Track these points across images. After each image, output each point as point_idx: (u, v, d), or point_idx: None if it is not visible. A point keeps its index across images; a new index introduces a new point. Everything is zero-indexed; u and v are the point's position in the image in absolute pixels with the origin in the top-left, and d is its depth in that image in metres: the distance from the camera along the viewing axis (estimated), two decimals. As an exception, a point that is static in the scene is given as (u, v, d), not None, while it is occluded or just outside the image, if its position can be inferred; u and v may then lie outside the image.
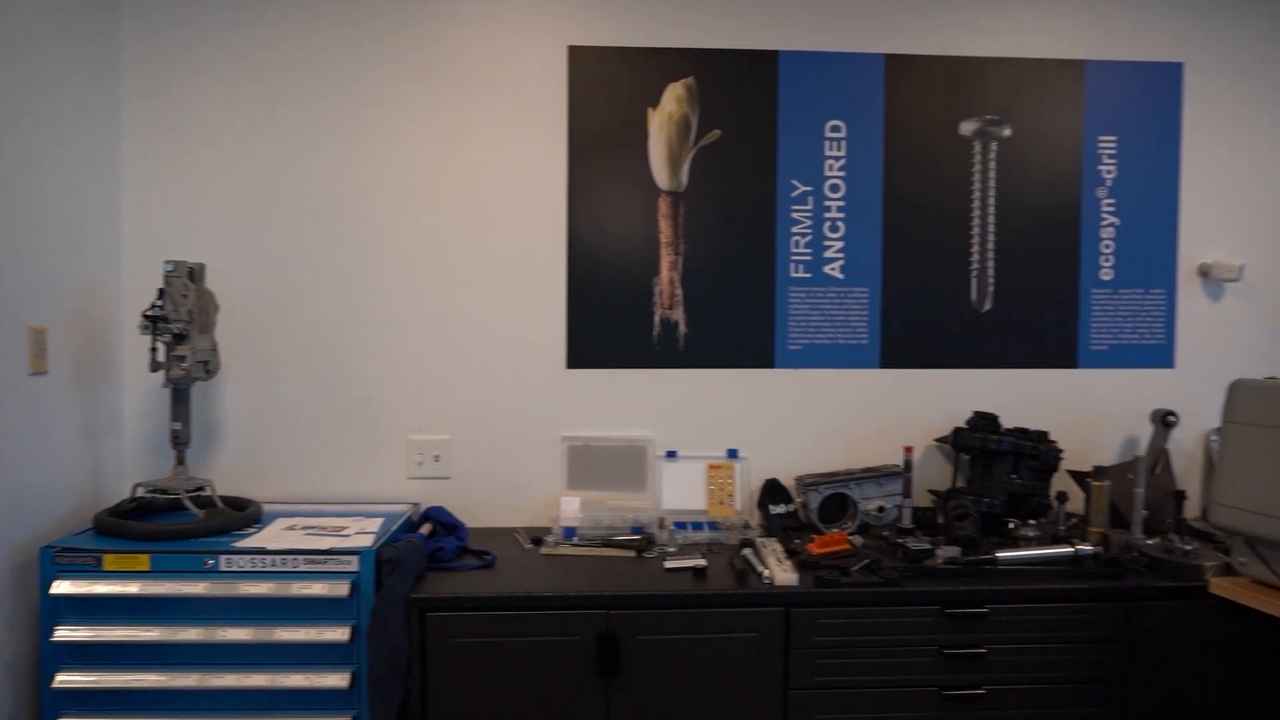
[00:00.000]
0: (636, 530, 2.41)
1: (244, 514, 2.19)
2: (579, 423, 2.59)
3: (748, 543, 2.33)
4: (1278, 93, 2.71)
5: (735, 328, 2.59)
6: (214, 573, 1.97)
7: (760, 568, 2.11)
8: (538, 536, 2.41)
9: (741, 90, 2.57)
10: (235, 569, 1.98)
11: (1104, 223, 2.66)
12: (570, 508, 2.42)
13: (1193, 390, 2.70)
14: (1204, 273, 2.69)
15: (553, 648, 1.98)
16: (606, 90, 2.54)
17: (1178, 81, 2.67)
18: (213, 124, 2.48)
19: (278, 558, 1.98)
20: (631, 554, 2.28)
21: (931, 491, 2.58)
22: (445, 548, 2.19)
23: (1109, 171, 2.66)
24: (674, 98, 2.56)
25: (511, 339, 2.57)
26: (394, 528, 2.22)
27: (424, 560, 2.09)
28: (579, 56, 2.54)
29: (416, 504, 2.55)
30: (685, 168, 2.56)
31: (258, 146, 2.49)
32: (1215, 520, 1.98)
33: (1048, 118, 2.64)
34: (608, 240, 2.56)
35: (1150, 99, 2.67)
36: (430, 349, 2.55)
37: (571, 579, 2.06)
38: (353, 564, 1.99)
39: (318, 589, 1.97)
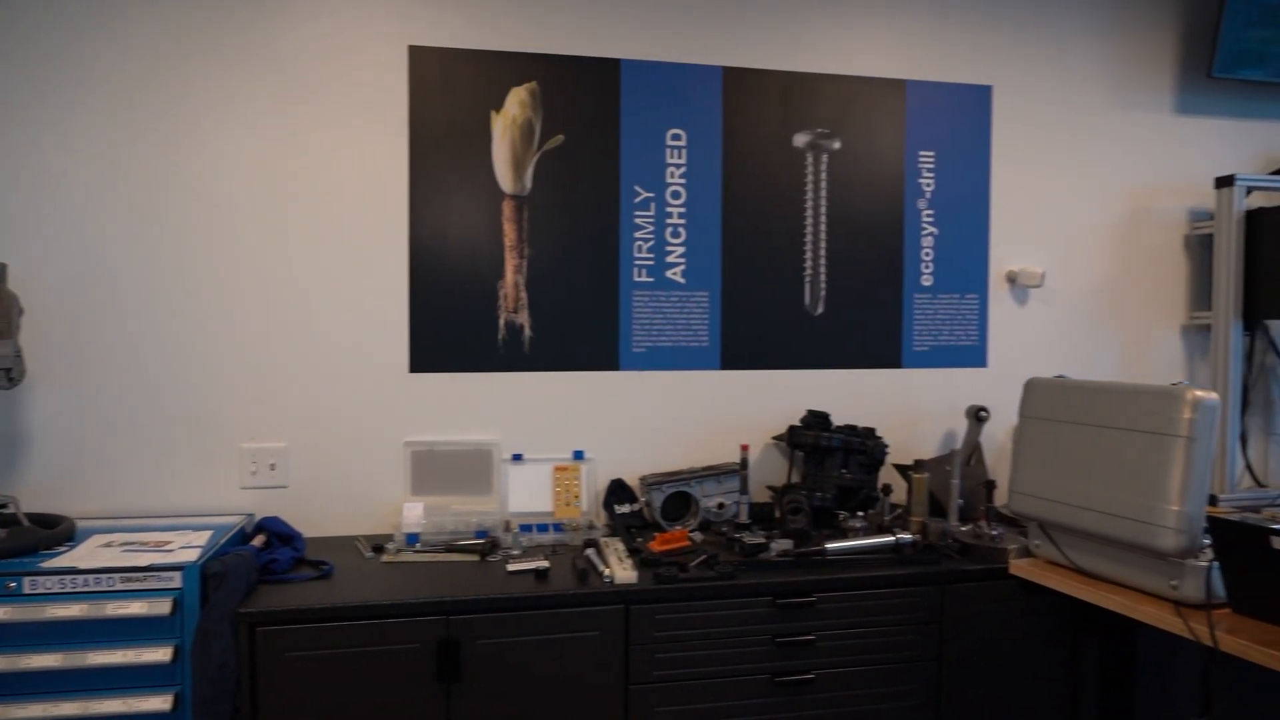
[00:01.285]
0: (481, 534, 2.40)
1: (54, 532, 2.05)
2: (423, 427, 2.56)
3: (591, 543, 2.36)
4: (1073, 114, 2.98)
5: (580, 331, 2.62)
6: (16, 596, 1.84)
7: (602, 567, 2.15)
8: (379, 544, 2.36)
9: (584, 97, 2.60)
10: (42, 591, 1.85)
11: (924, 232, 2.85)
12: (413, 513, 2.39)
13: (1002, 387, 2.94)
14: (1011, 279, 2.93)
15: (391, 656, 1.95)
16: (449, 92, 2.52)
17: (988, 102, 2.90)
18: (25, 122, 2.31)
19: (91, 577, 1.87)
20: (475, 558, 2.27)
21: (770, 487, 2.70)
22: (279, 559, 2.12)
23: (928, 184, 2.85)
24: (517, 101, 2.56)
25: (351, 343, 2.51)
26: (224, 540, 2.13)
27: (255, 573, 2.02)
28: (420, 57, 2.51)
29: (251, 515, 2.45)
30: (529, 172, 2.57)
31: (79, 146, 2.33)
32: (1013, 507, 2.17)
33: (874, 133, 2.80)
34: (451, 243, 2.54)
35: (964, 118, 2.88)
36: (265, 354, 2.46)
37: (412, 586, 2.04)
38: (175, 580, 1.90)
39: (136, 608, 1.87)
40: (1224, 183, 2.92)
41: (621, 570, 2.10)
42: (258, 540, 2.23)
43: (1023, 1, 2.93)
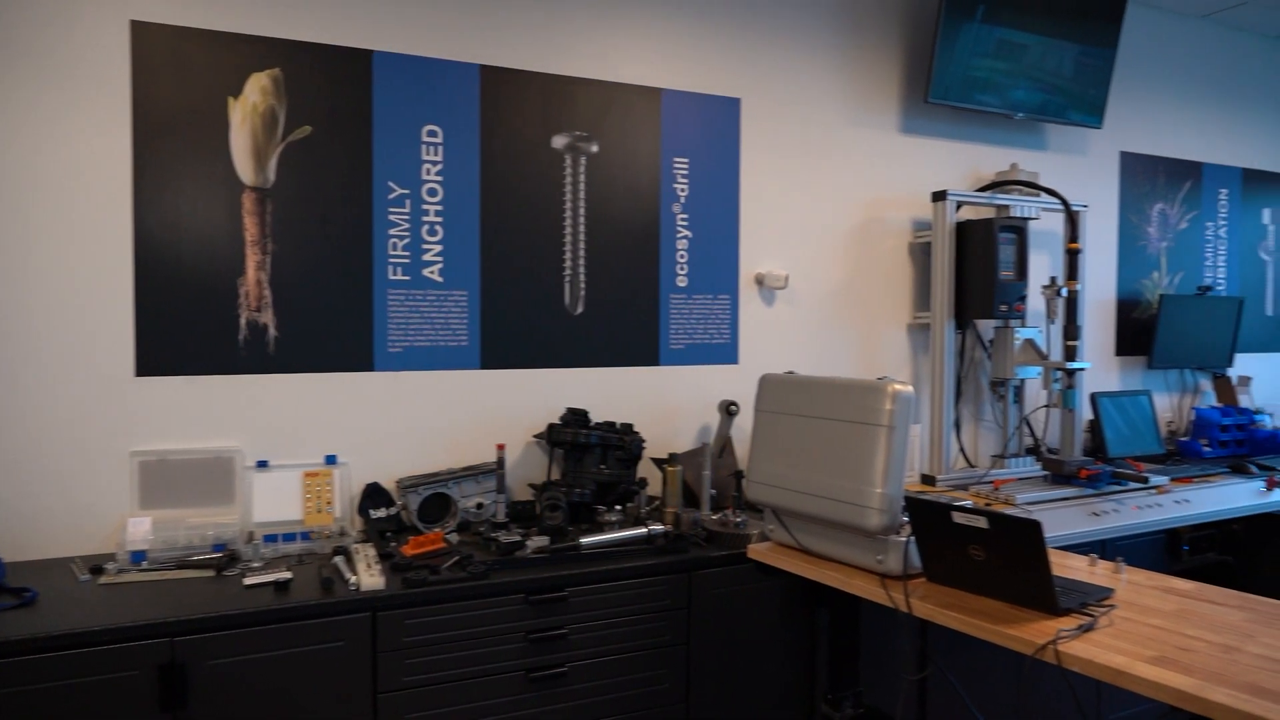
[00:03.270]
0: (218, 548, 2.25)
1: None
2: (153, 435, 2.36)
3: (341, 550, 2.28)
4: (814, 129, 3.23)
5: (331, 330, 2.52)
6: None
7: (349, 574, 2.09)
8: (98, 565, 2.16)
9: (334, 87, 2.50)
10: None
11: (679, 235, 2.98)
12: (139, 529, 2.20)
13: (753, 382, 3.13)
14: (760, 281, 3.12)
15: (108, 687, 1.79)
16: (180, 74, 2.34)
17: (736, 114, 3.08)
18: None
19: None
20: (210, 574, 2.13)
21: (531, 485, 2.72)
22: (-32, 589, 1.88)
23: (683, 190, 2.98)
24: (259, 88, 2.42)
25: (65, 345, 2.27)
26: (-105, 572, 1.87)
27: (-66, 607, 1.79)
28: (145, 33, 2.31)
29: (-62, 540, 2.16)
30: (273, 163, 2.44)
31: None
32: (750, 496, 2.32)
33: (631, 138, 2.90)
34: (185, 236, 2.36)
35: (715, 127, 3.04)
36: (-46, 357, 2.18)
37: (131, 608, 1.88)
38: None
39: None
40: (938, 197, 3.26)
41: (369, 577, 2.05)
42: (-58, 569, 1.97)
43: (769, 22, 3.13)
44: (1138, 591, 1.94)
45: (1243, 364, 4.35)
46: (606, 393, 2.90)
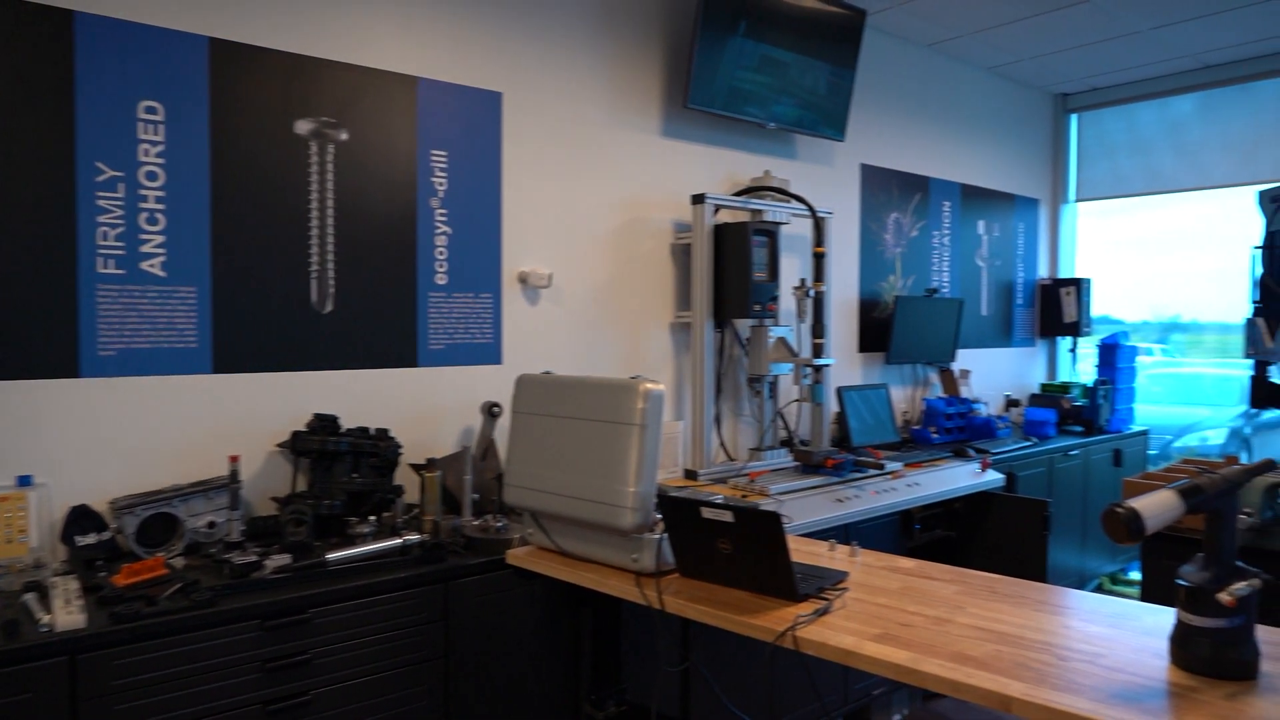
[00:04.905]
0: None
1: None
2: None
3: (35, 585, 1.98)
4: (577, 128, 3.22)
5: (23, 331, 2.18)
6: None
7: (41, 614, 1.81)
8: None
9: (21, 50, 2.17)
10: None
11: (438, 231, 2.86)
12: None
13: (518, 383, 3.08)
14: (523, 280, 3.07)
15: None
16: None
17: (498, 109, 3.00)
18: None
19: None
20: None
21: (274, 498, 2.51)
22: None
23: (441, 184, 2.87)
24: (-80, 46, 2.05)
25: None
26: None
27: None
28: None
29: None
30: (-59, 135, 2.07)
31: None
32: (507, 500, 2.26)
33: (384, 127, 2.74)
34: None
35: (475, 121, 2.95)
36: None
37: None
38: None
39: None
40: (698, 200, 3.37)
41: (67, 614, 1.78)
42: None
43: (531, 18, 3.08)
44: (870, 573, 2.08)
45: (963, 358, 4.85)
46: (360, 396, 2.73)
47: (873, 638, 1.66)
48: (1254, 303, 3.01)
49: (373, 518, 2.49)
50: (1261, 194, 3.02)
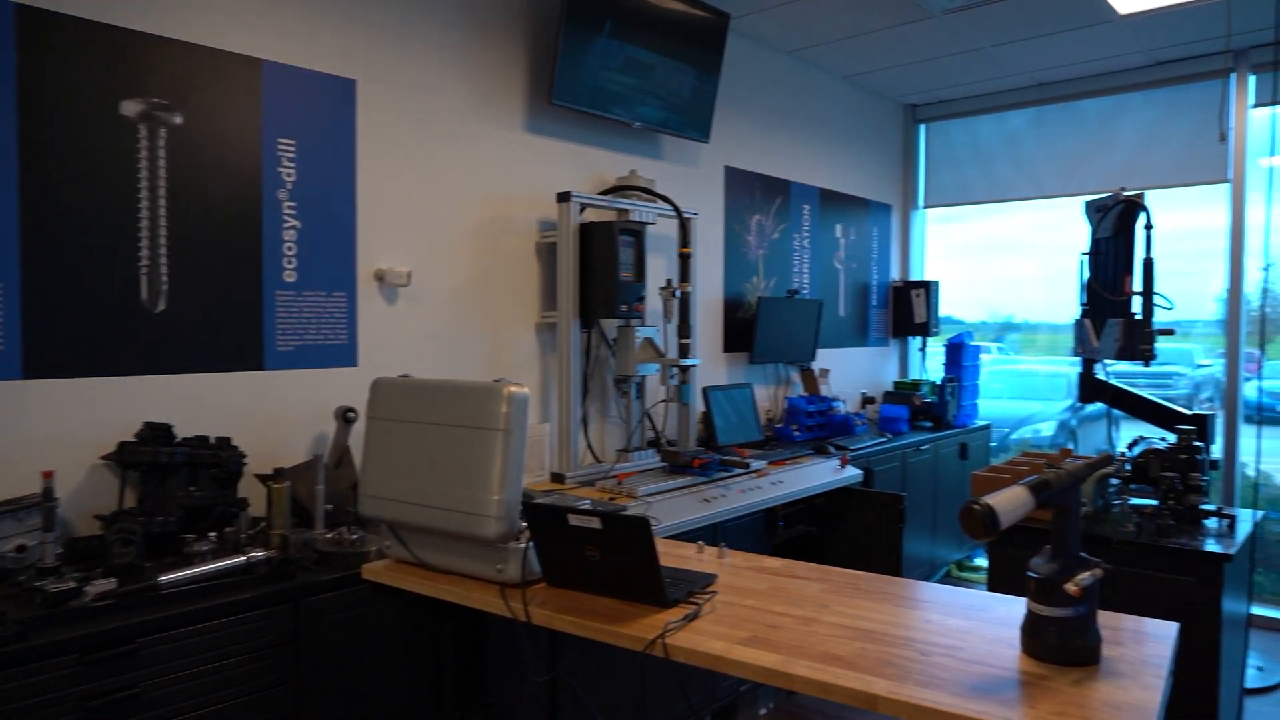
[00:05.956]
0: None
1: None
2: None
3: None
4: (438, 121, 3.09)
5: None
6: None
7: None
8: None
9: None
10: None
11: (286, 225, 2.68)
12: None
13: (375, 386, 2.92)
14: (380, 278, 2.92)
15: None
16: None
17: (352, 97, 2.84)
18: None
19: None
20: None
21: (99, 516, 2.27)
22: None
23: (290, 175, 2.69)
24: None
25: None
26: None
27: None
28: None
29: None
30: None
31: None
32: (363, 511, 2.13)
33: (225, 112, 2.54)
34: None
35: (328, 109, 2.78)
36: None
37: None
38: None
39: None
40: (563, 198, 3.30)
41: None
42: None
43: (387, 3, 2.93)
44: (738, 574, 2.08)
45: (823, 358, 5.00)
46: (198, 403, 2.51)
47: (742, 641, 1.65)
48: (1082, 305, 3.21)
49: (213, 534, 2.30)
50: (1088, 204, 3.22)
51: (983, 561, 5.36)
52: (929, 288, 5.55)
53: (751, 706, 3.41)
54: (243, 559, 2.15)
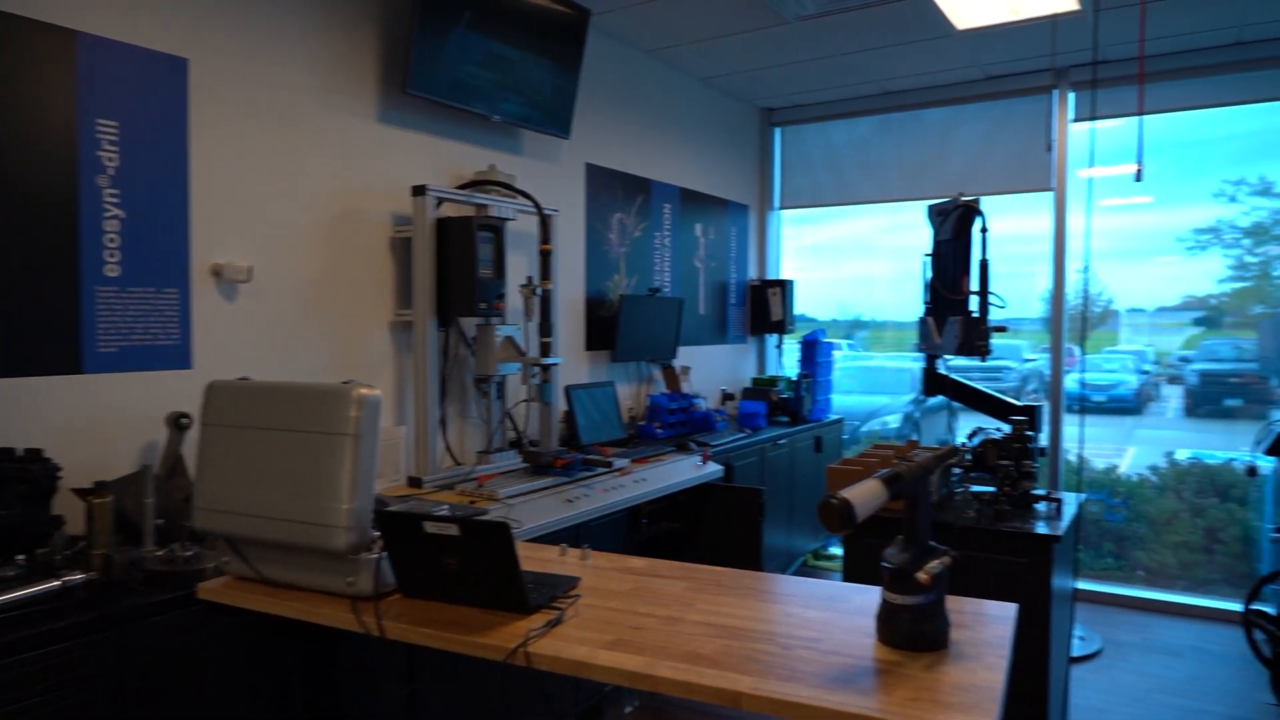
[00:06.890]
0: None
1: None
2: None
3: None
4: (282, 108, 2.91)
5: None
6: None
7: None
8: None
9: None
10: None
11: (108, 214, 2.45)
12: None
13: (213, 390, 2.71)
14: (217, 273, 2.72)
15: None
16: None
17: (184, 77, 2.63)
18: None
19: None
20: None
21: (-121, 542, 2.00)
22: None
23: (112, 160, 2.46)
24: None
25: None
26: None
27: None
28: None
29: None
30: None
31: None
32: (198, 525, 1.97)
33: (31, 87, 2.29)
34: None
35: (155, 90, 2.56)
36: None
37: None
38: None
39: None
40: (419, 191, 3.18)
41: None
42: None
43: (221, -24, 2.73)
44: (601, 575, 2.05)
45: (684, 355, 5.05)
46: (4, 412, 2.26)
47: (606, 645, 1.62)
48: (925, 303, 3.38)
49: (21, 557, 2.07)
50: (930, 208, 3.39)
51: (838, 550, 5.57)
52: (785, 287, 5.71)
53: (617, 705, 3.39)
54: (57, 583, 1.94)
